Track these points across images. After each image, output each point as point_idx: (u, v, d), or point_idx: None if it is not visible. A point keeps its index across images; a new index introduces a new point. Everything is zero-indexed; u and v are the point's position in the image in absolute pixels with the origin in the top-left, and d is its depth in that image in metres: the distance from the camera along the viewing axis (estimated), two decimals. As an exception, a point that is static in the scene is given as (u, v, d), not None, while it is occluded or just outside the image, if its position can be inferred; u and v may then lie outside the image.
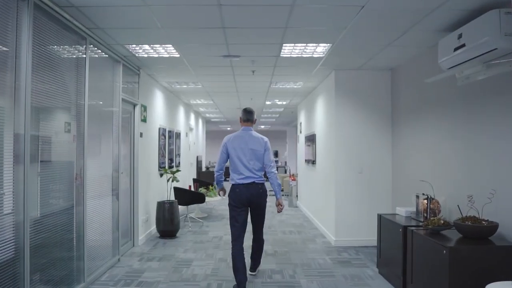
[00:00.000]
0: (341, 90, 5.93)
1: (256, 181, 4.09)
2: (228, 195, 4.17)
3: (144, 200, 6.18)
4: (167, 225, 6.30)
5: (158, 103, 7.03)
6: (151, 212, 6.49)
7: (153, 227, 6.56)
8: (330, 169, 6.26)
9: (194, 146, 11.98)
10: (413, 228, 3.72)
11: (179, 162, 8.87)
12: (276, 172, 4.25)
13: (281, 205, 4.27)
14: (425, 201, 4.07)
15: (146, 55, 5.05)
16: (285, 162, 19.16)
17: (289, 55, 5.01)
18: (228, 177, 4.35)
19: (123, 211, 5.45)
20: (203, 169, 14.06)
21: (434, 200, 4.04)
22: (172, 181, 6.73)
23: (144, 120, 6.08)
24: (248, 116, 4.29)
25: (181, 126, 9.29)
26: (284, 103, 9.88)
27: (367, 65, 5.54)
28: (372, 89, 5.91)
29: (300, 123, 9.86)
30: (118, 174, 5.03)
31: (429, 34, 4.06)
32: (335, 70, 5.89)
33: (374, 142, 5.90)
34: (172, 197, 7.02)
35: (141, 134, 5.93)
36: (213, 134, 19.90)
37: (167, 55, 5.03)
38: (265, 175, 4.26)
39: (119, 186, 5.05)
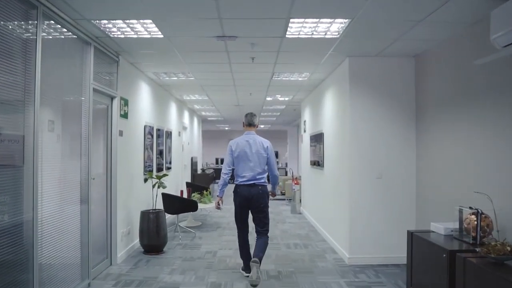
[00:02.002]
0: (356, 81, 5.03)
1: (257, 183, 4.32)
2: (233, 192, 4.43)
3: (125, 209, 5.28)
4: (152, 238, 5.39)
5: (143, 97, 6.13)
6: (134, 224, 5.59)
7: (137, 241, 5.64)
8: (341, 173, 5.37)
9: (188, 147, 11.07)
10: (464, 254, 2.83)
11: (170, 164, 7.97)
12: (278, 174, 4.60)
13: (273, 194, 4.63)
14: (473, 216, 3.18)
15: (122, 35, 4.15)
16: (286, 164, 18.26)
17: (296, 35, 4.12)
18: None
19: (97, 223, 4.57)
20: (199, 171, 13.13)
21: (484, 216, 3.15)
22: (158, 187, 5.82)
23: (124, 115, 5.18)
24: (250, 121, 4.53)
25: (172, 125, 8.38)
26: (287, 99, 8.99)
27: (388, 50, 4.65)
28: (393, 79, 5.01)
29: (304, 121, 8.96)
30: (88, 179, 4.14)
31: (477, 2, 3.18)
32: (349, 57, 4.99)
33: (395, 142, 5.00)
34: (160, 205, 6.12)
35: (120, 133, 5.04)
36: (210, 133, 18.99)
37: (148, 35, 4.13)
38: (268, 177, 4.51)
39: (89, 194, 4.16)
